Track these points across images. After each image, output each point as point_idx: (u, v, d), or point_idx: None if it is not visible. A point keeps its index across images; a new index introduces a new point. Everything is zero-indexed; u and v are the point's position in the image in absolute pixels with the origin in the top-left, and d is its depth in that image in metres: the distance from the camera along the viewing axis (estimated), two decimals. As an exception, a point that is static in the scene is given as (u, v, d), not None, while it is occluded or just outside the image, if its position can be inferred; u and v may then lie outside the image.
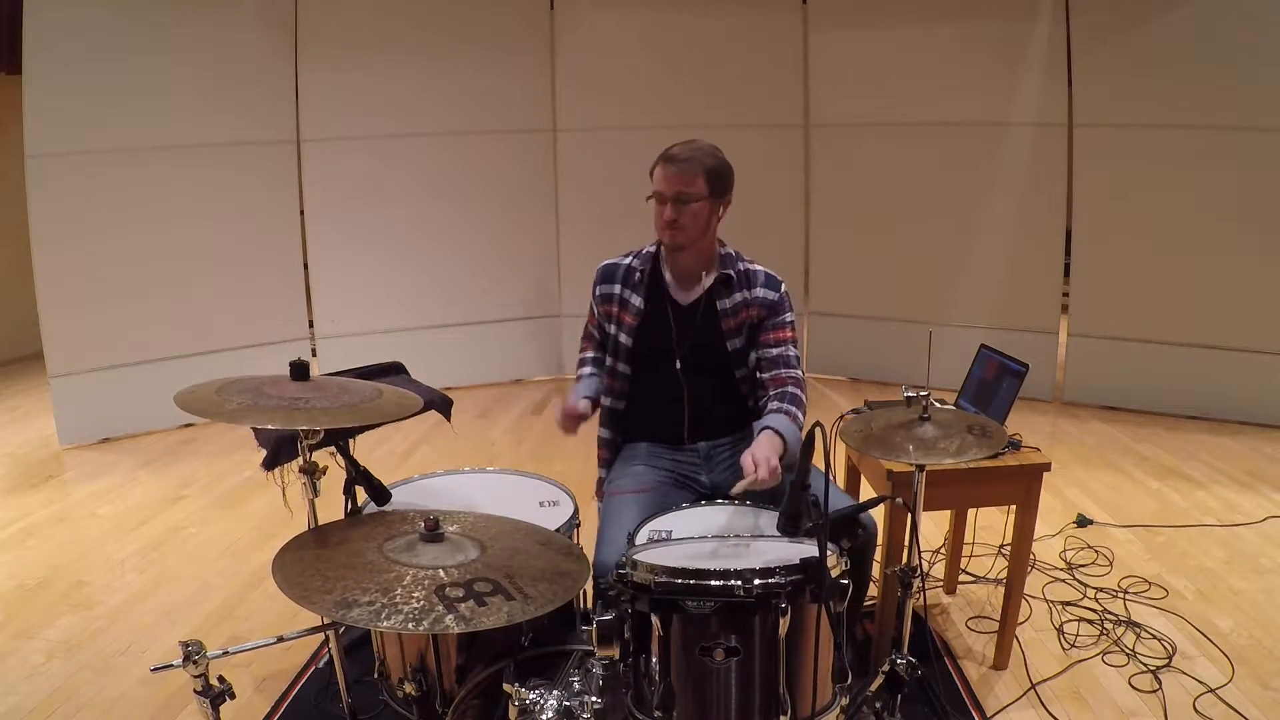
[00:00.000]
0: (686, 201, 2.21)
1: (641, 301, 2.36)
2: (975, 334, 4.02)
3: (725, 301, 2.32)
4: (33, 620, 2.97)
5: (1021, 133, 5.12)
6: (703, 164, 2.22)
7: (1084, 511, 3.63)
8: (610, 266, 2.44)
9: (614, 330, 2.39)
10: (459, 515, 1.74)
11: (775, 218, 5.63)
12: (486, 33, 5.39)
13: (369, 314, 5.50)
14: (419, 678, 1.90)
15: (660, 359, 2.35)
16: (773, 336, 2.31)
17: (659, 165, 2.25)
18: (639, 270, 2.38)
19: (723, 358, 2.34)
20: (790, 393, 2.24)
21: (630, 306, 2.37)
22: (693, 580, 1.56)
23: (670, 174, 2.22)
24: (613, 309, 2.40)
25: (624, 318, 2.38)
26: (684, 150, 2.23)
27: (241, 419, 1.75)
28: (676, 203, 2.21)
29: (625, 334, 2.37)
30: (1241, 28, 4.46)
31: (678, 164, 2.21)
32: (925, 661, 2.42)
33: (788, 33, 5.52)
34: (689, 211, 2.22)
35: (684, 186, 2.21)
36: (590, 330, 2.54)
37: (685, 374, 2.34)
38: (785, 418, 2.17)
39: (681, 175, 2.21)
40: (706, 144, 2.27)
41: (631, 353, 2.38)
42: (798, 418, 2.20)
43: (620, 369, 2.41)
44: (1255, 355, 4.74)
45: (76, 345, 4.67)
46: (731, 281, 2.32)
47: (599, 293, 2.44)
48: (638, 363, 2.39)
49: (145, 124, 4.69)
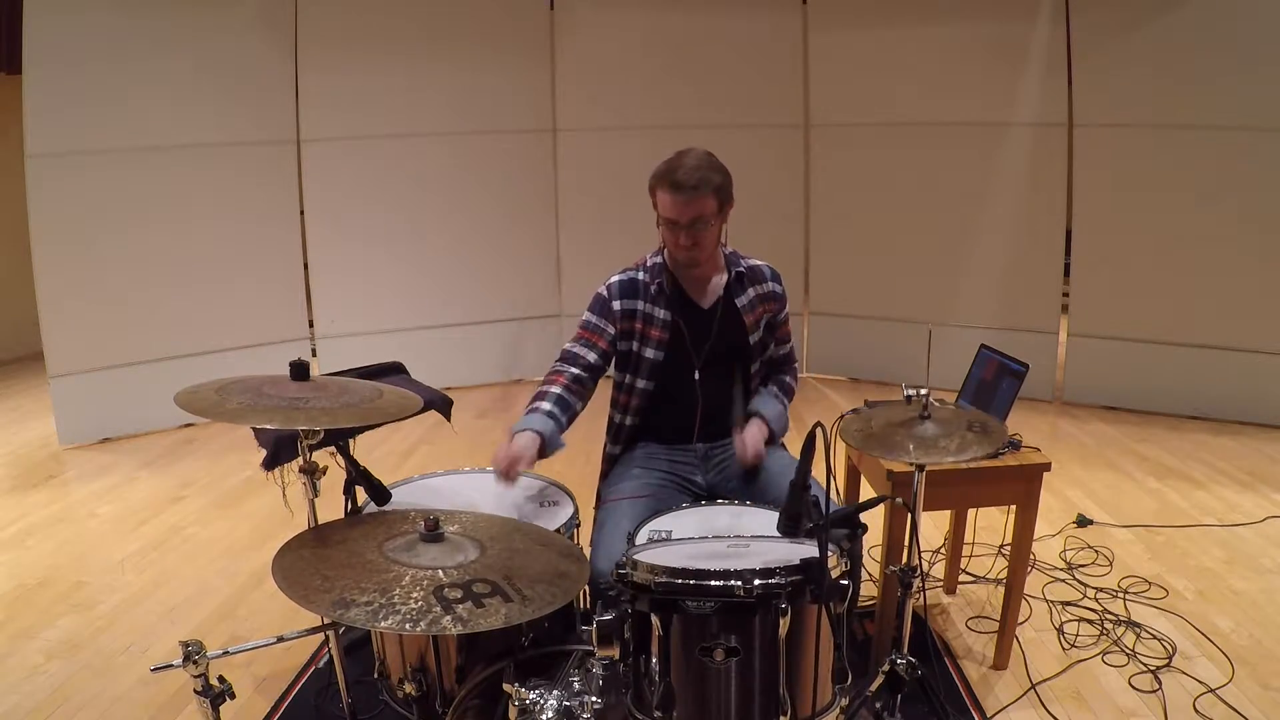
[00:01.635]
0: (701, 227, 2.19)
1: (666, 314, 2.31)
2: (975, 334, 4.02)
3: (742, 299, 2.36)
4: (33, 620, 2.97)
5: (1021, 133, 5.11)
6: (710, 183, 2.16)
7: (1084, 511, 3.63)
8: (627, 282, 2.33)
9: (636, 347, 2.32)
10: (459, 515, 1.74)
11: (775, 218, 5.63)
12: (486, 33, 5.39)
13: (369, 314, 5.50)
14: (419, 678, 1.90)
15: (684, 368, 2.34)
16: (782, 332, 2.47)
17: (665, 192, 2.17)
18: (654, 283, 2.32)
19: (744, 354, 2.38)
20: (784, 380, 2.50)
21: (656, 320, 2.31)
22: (693, 580, 1.56)
23: (681, 202, 2.15)
24: (636, 325, 2.31)
25: (650, 333, 2.31)
26: (689, 174, 2.14)
27: (241, 419, 1.75)
28: (691, 229, 2.18)
29: (653, 349, 2.31)
30: (1241, 28, 4.46)
31: (687, 191, 2.14)
32: (925, 661, 2.41)
33: (788, 33, 5.52)
34: (705, 234, 2.21)
35: (697, 212, 2.17)
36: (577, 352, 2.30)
37: (703, 379, 2.34)
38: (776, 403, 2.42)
39: (692, 202, 2.16)
40: (704, 156, 2.20)
41: (657, 367, 2.32)
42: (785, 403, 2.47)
43: (640, 385, 2.35)
44: (1255, 355, 4.74)
45: (76, 345, 4.67)
46: (743, 279, 2.36)
47: (620, 309, 2.31)
48: (661, 377, 2.34)
49: (145, 124, 4.69)
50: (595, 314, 2.34)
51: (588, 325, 2.34)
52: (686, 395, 2.35)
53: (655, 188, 2.21)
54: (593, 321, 2.34)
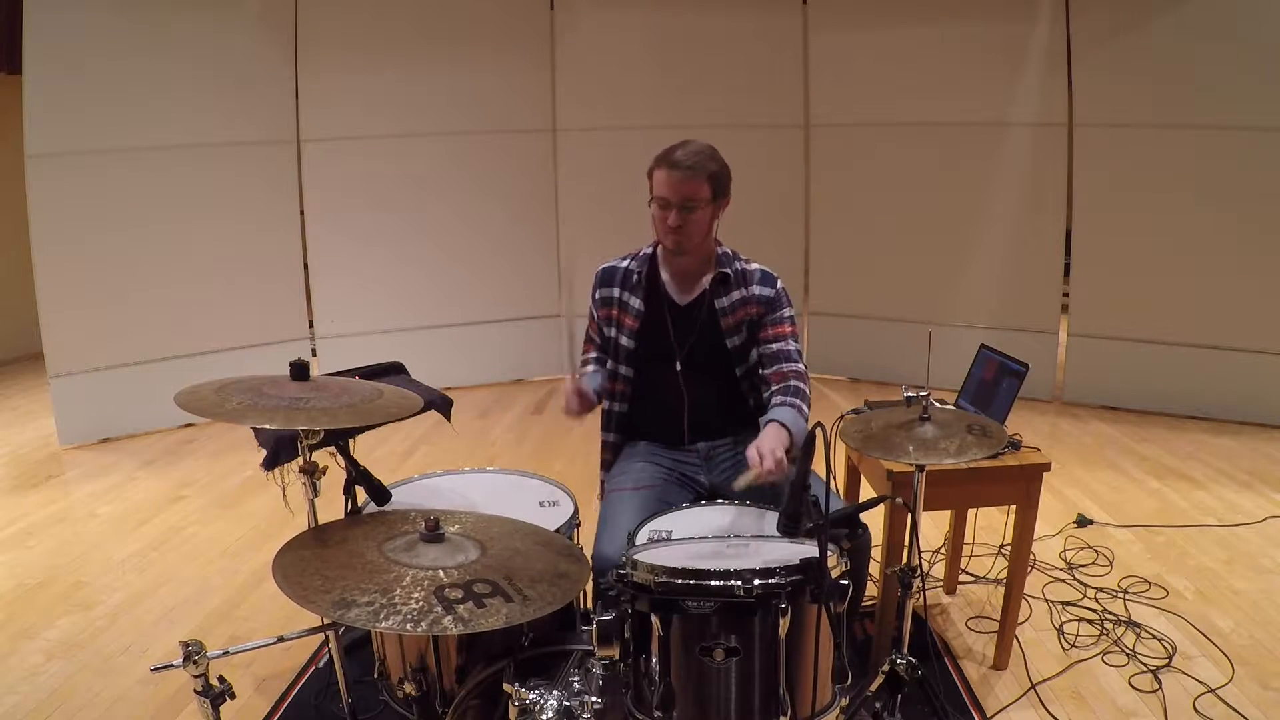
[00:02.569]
0: (691, 208, 2.20)
1: (641, 304, 2.36)
2: (975, 334, 4.02)
3: (723, 300, 2.33)
4: (33, 620, 2.97)
5: (1021, 133, 5.11)
6: (706, 169, 2.20)
7: (1084, 511, 3.63)
8: (609, 270, 2.44)
9: (614, 333, 2.40)
10: (459, 515, 1.74)
11: (775, 218, 5.63)
12: (486, 33, 5.39)
13: (369, 314, 5.50)
14: (419, 678, 1.90)
15: (661, 360, 2.36)
16: (772, 332, 2.32)
17: (662, 170, 2.21)
18: (637, 272, 2.37)
19: (723, 357, 2.34)
20: (793, 385, 2.22)
21: (630, 309, 2.37)
22: (693, 580, 1.56)
23: (675, 180, 2.19)
24: (612, 312, 2.40)
25: (624, 320, 2.38)
26: (687, 156, 2.19)
27: (241, 419, 1.75)
28: (681, 209, 2.20)
29: (626, 336, 2.37)
30: (1242, 28, 4.46)
31: (682, 170, 2.18)
32: (925, 661, 2.42)
33: (788, 33, 5.52)
34: (693, 217, 2.21)
35: (689, 193, 2.19)
36: (591, 335, 2.52)
37: (685, 375, 2.35)
38: (790, 410, 2.15)
39: (687, 181, 2.18)
40: (705, 145, 2.24)
41: (633, 355, 2.38)
42: (802, 409, 2.18)
43: (622, 371, 2.41)
44: (1255, 355, 4.74)
45: (76, 345, 4.67)
46: (729, 280, 2.33)
47: (598, 296, 2.44)
48: (639, 365, 2.39)
49: (145, 124, 4.69)
50: (591, 302, 2.49)
51: (590, 313, 2.51)
52: (671, 390, 2.36)
53: (653, 168, 2.25)
54: (590, 310, 2.50)
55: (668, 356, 2.35)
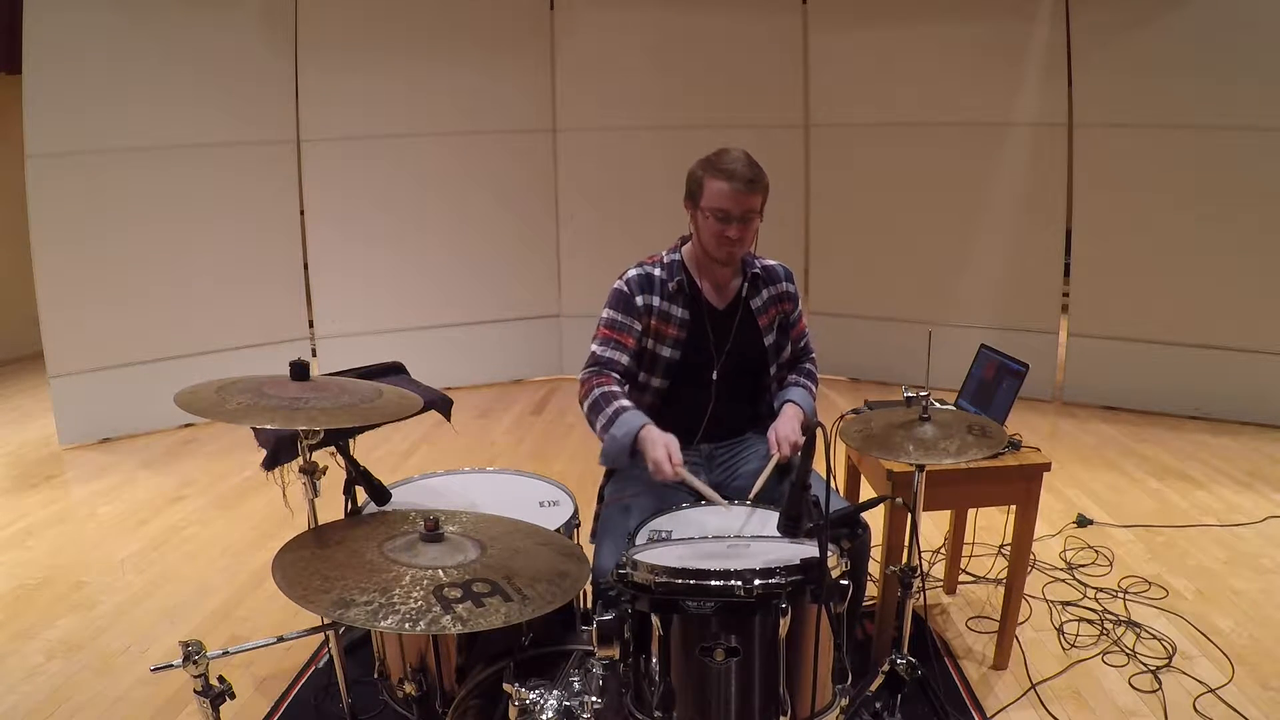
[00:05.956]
0: (749, 220, 2.21)
1: (684, 312, 2.30)
2: (975, 334, 4.02)
3: (756, 300, 2.36)
4: (33, 620, 2.97)
5: (1021, 133, 5.11)
6: (762, 181, 2.20)
7: (1084, 511, 3.63)
8: (643, 277, 2.30)
9: (653, 345, 2.30)
10: (459, 515, 1.74)
11: (775, 218, 5.54)
12: (486, 33, 5.39)
13: (369, 314, 5.50)
14: (419, 678, 1.90)
15: (700, 369, 2.32)
16: (796, 331, 2.47)
17: (720, 181, 2.17)
18: (671, 280, 2.31)
19: (759, 357, 2.37)
20: (805, 368, 2.48)
21: (673, 318, 2.29)
22: (693, 580, 1.56)
23: (741, 194, 2.17)
24: (653, 322, 2.28)
25: (667, 330, 2.29)
26: (745, 168, 2.17)
27: (241, 419, 1.75)
28: (742, 222, 2.20)
29: (669, 347, 2.29)
30: (1242, 28, 4.46)
31: (744, 183, 2.16)
32: (925, 661, 2.41)
33: (788, 33, 5.52)
34: (750, 228, 2.23)
35: (751, 205, 2.20)
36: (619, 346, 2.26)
37: (719, 383, 2.33)
38: (802, 390, 2.40)
39: (751, 195, 2.18)
40: (747, 153, 2.23)
41: (672, 366, 2.30)
42: (812, 390, 2.43)
43: (655, 384, 2.33)
44: (1255, 355, 4.74)
45: (76, 345, 4.67)
46: (758, 280, 2.36)
47: (640, 304, 2.27)
48: (674, 375, 2.32)
49: (145, 124, 4.69)
50: (620, 312, 2.28)
51: (614, 324, 2.28)
52: (700, 396, 2.34)
53: (707, 178, 2.20)
54: (619, 320, 2.28)
55: (706, 365, 2.32)
